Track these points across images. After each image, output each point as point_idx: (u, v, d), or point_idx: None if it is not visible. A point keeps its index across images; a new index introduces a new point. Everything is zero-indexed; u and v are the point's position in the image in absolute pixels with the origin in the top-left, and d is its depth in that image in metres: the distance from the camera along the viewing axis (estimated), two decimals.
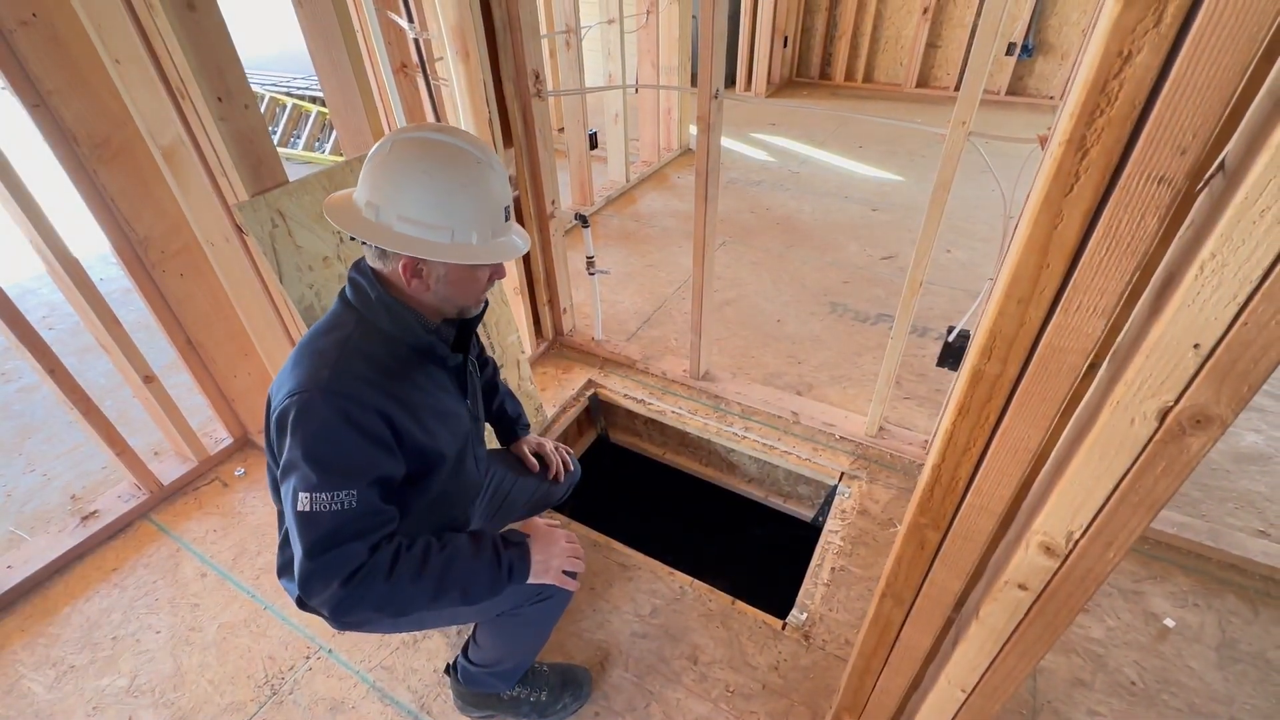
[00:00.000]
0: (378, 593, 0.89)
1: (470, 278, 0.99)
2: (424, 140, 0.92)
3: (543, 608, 1.17)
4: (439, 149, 0.92)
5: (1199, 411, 0.48)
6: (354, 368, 0.93)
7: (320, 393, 0.89)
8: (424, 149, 0.91)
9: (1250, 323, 0.43)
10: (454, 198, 0.91)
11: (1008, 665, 0.77)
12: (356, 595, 0.88)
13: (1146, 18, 0.40)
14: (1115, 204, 0.45)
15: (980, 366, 0.61)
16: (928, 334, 2.61)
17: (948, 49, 5.81)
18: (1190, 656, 1.47)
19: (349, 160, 1.53)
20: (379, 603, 0.90)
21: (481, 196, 0.94)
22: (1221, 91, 0.39)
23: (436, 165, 0.91)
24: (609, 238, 3.57)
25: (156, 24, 1.19)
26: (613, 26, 3.67)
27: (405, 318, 0.99)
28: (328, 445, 0.88)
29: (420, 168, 0.91)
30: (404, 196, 0.90)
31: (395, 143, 0.92)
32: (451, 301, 1.02)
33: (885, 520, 1.82)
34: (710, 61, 1.63)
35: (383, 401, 0.93)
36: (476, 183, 0.93)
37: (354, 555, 0.88)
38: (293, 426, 0.89)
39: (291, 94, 5.75)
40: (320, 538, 0.87)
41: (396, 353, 0.99)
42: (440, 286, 0.98)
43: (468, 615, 1.18)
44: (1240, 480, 1.92)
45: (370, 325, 0.98)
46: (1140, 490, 0.55)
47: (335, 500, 0.87)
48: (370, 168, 0.93)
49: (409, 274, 0.95)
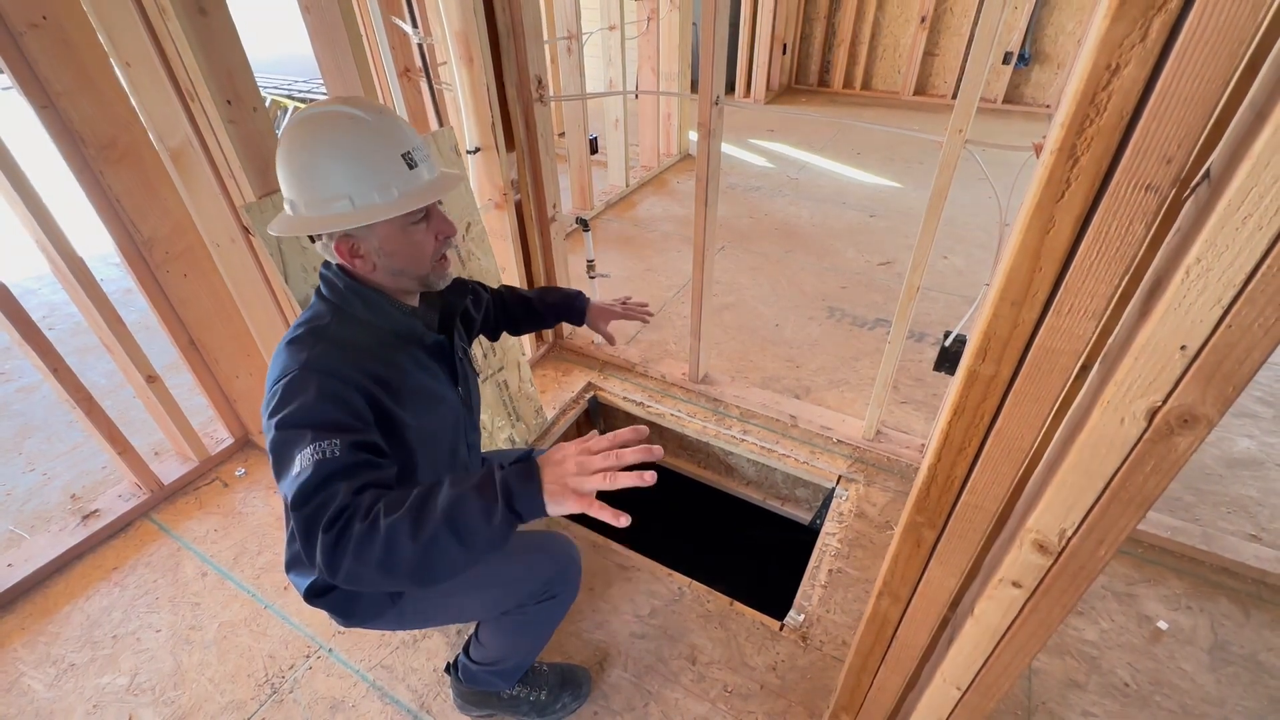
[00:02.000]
0: (357, 534, 0.77)
1: (406, 240, 0.96)
2: (299, 121, 0.90)
3: (548, 606, 1.18)
4: (309, 123, 0.90)
5: (1186, 411, 0.50)
6: (332, 351, 0.92)
7: (301, 370, 0.88)
8: (297, 130, 0.90)
9: (1234, 325, 0.45)
10: (334, 164, 0.89)
11: (1002, 663, 0.78)
12: (340, 541, 0.77)
13: (1133, 32, 0.42)
14: (1105, 210, 0.47)
15: (975, 367, 0.62)
16: (925, 339, 2.63)
17: (945, 57, 5.86)
18: (1183, 659, 1.49)
19: None
20: (359, 546, 0.76)
21: (363, 153, 0.90)
22: (1205, 103, 0.41)
23: (309, 139, 0.89)
24: (609, 242, 3.59)
25: (168, 27, 1.20)
26: (614, 33, 3.70)
27: (378, 301, 0.98)
28: (309, 411, 0.85)
29: (295, 146, 0.89)
30: (300, 182, 0.90)
31: (282, 134, 0.91)
32: (405, 273, 0.99)
33: (882, 523, 1.83)
34: (711, 68, 1.65)
35: (362, 380, 0.91)
36: (353, 143, 0.89)
37: (335, 495, 0.79)
38: (279, 403, 0.87)
39: (293, 96, 5.78)
40: (304, 485, 0.80)
41: (377, 337, 0.99)
42: (382, 259, 0.96)
43: (473, 608, 1.18)
44: (1233, 485, 1.94)
45: (346, 314, 0.98)
46: (1130, 488, 0.56)
47: (318, 450, 0.82)
48: (276, 164, 0.94)
49: (348, 255, 0.94)
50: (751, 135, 5.26)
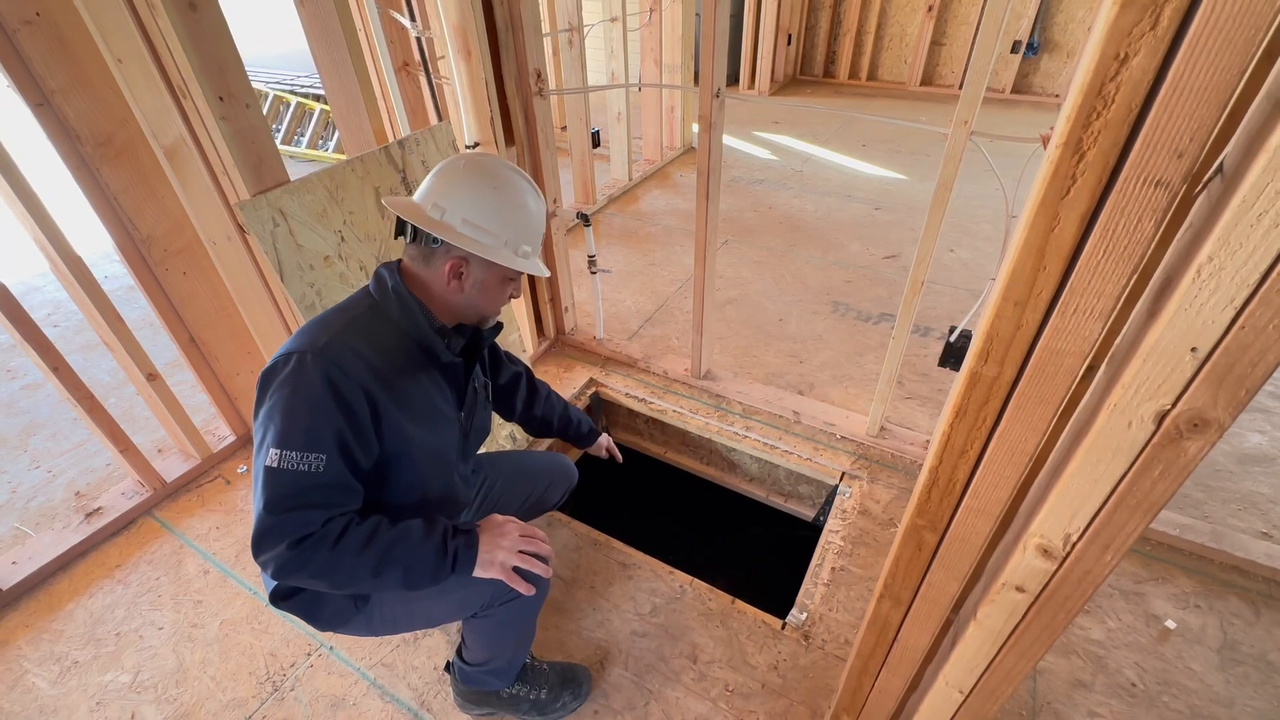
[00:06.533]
0: (320, 560, 0.89)
1: (500, 288, 1.09)
2: (492, 163, 1.07)
3: (512, 608, 1.16)
4: (504, 171, 1.07)
5: (1196, 415, 0.48)
6: (353, 342, 0.97)
7: (313, 354, 0.93)
8: (494, 169, 1.06)
9: (1247, 327, 0.43)
10: (514, 214, 1.05)
11: (1005, 667, 0.77)
12: (300, 560, 0.88)
13: (1143, 20, 0.40)
14: (1112, 207, 0.45)
15: (977, 369, 0.61)
16: (930, 334, 2.61)
17: (952, 47, 5.79)
18: (1191, 658, 1.47)
19: (351, 159, 1.53)
20: (319, 570, 0.90)
21: (534, 219, 1.09)
22: (1219, 94, 0.39)
23: (503, 185, 1.05)
24: (611, 236, 3.57)
25: (158, 23, 1.19)
26: (615, 25, 3.67)
27: (413, 309, 1.04)
28: (306, 405, 0.91)
29: (492, 184, 1.04)
30: (473, 204, 1.02)
31: (468, 161, 1.06)
32: (475, 308, 1.09)
33: (886, 520, 1.81)
34: (712, 60, 1.63)
35: (370, 381, 0.97)
36: (530, 208, 1.08)
37: (309, 522, 0.89)
38: (279, 381, 0.92)
39: (295, 92, 5.76)
40: (282, 495, 0.88)
41: (400, 343, 1.04)
42: (473, 291, 1.06)
43: (440, 614, 1.17)
44: (1244, 482, 1.91)
45: (380, 311, 1.04)
46: (1138, 493, 0.55)
47: (304, 461, 0.89)
48: (440, 177, 1.05)
49: (451, 274, 1.03)
50: (756, 128, 5.22)
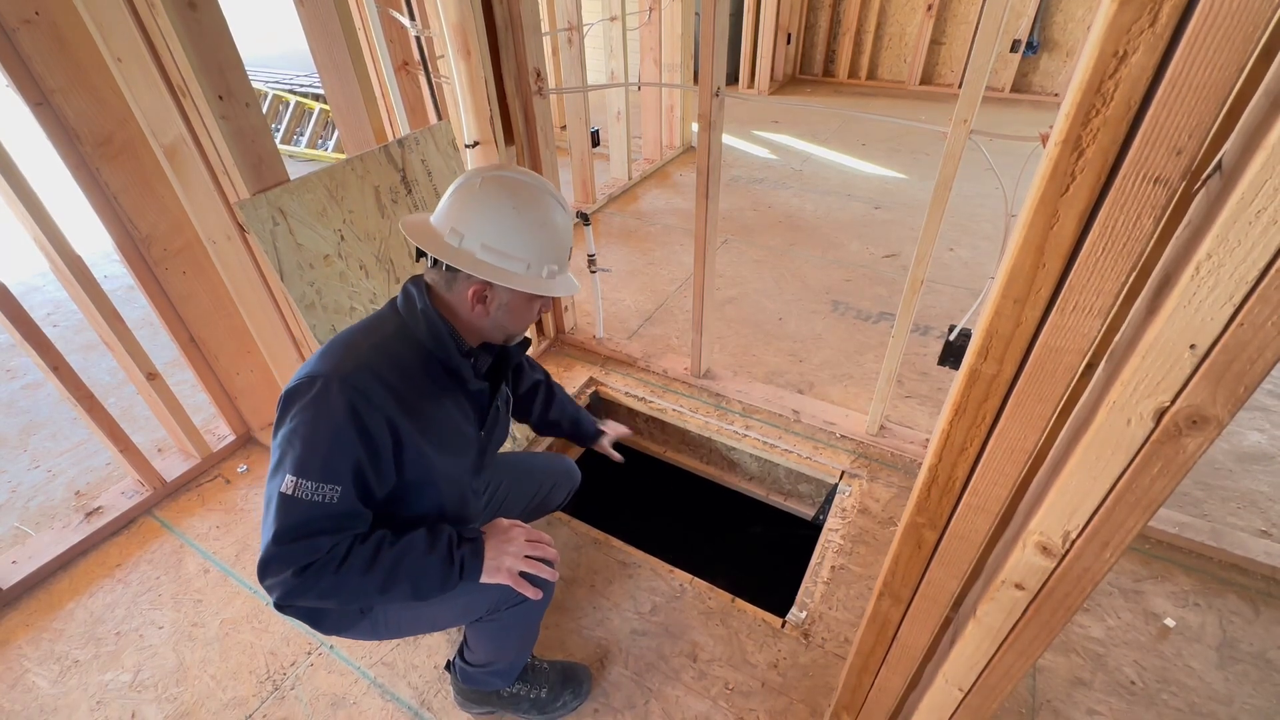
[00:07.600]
0: (326, 583, 0.90)
1: (527, 309, 1.06)
2: (512, 179, 1.00)
3: (518, 611, 1.16)
4: (525, 189, 0.99)
5: (1195, 412, 0.48)
6: (379, 368, 0.95)
7: (338, 381, 0.91)
8: (512, 187, 0.99)
9: (1246, 324, 0.43)
10: (535, 234, 0.99)
11: (1005, 664, 0.77)
12: (306, 585, 0.89)
13: (1142, 17, 0.40)
14: (1111, 204, 0.45)
15: (976, 366, 0.61)
16: (930, 332, 2.61)
17: (952, 46, 5.78)
18: (1190, 656, 1.47)
19: (350, 159, 1.53)
20: (325, 593, 0.91)
21: (557, 236, 1.02)
22: (1218, 91, 0.39)
23: (523, 203, 0.98)
24: (611, 235, 3.57)
25: (157, 22, 1.19)
26: (615, 24, 3.66)
27: (441, 332, 1.01)
28: (327, 434, 0.90)
29: (509, 204, 0.97)
30: (490, 228, 0.97)
31: (484, 179, 0.99)
32: (502, 328, 1.07)
33: (886, 519, 1.81)
34: (711, 59, 1.63)
35: (395, 411, 0.95)
36: (554, 223, 1.01)
37: (316, 549, 0.89)
38: (302, 405, 0.91)
39: (295, 92, 5.76)
40: (294, 525, 0.88)
41: (426, 367, 1.02)
42: (499, 314, 1.03)
43: (445, 619, 1.17)
44: (1243, 480, 1.91)
45: (408, 333, 1.02)
46: (1137, 491, 0.55)
47: (319, 492, 0.88)
48: (456, 198, 0.99)
49: (475, 299, 1.00)
50: (755, 127, 5.22)
